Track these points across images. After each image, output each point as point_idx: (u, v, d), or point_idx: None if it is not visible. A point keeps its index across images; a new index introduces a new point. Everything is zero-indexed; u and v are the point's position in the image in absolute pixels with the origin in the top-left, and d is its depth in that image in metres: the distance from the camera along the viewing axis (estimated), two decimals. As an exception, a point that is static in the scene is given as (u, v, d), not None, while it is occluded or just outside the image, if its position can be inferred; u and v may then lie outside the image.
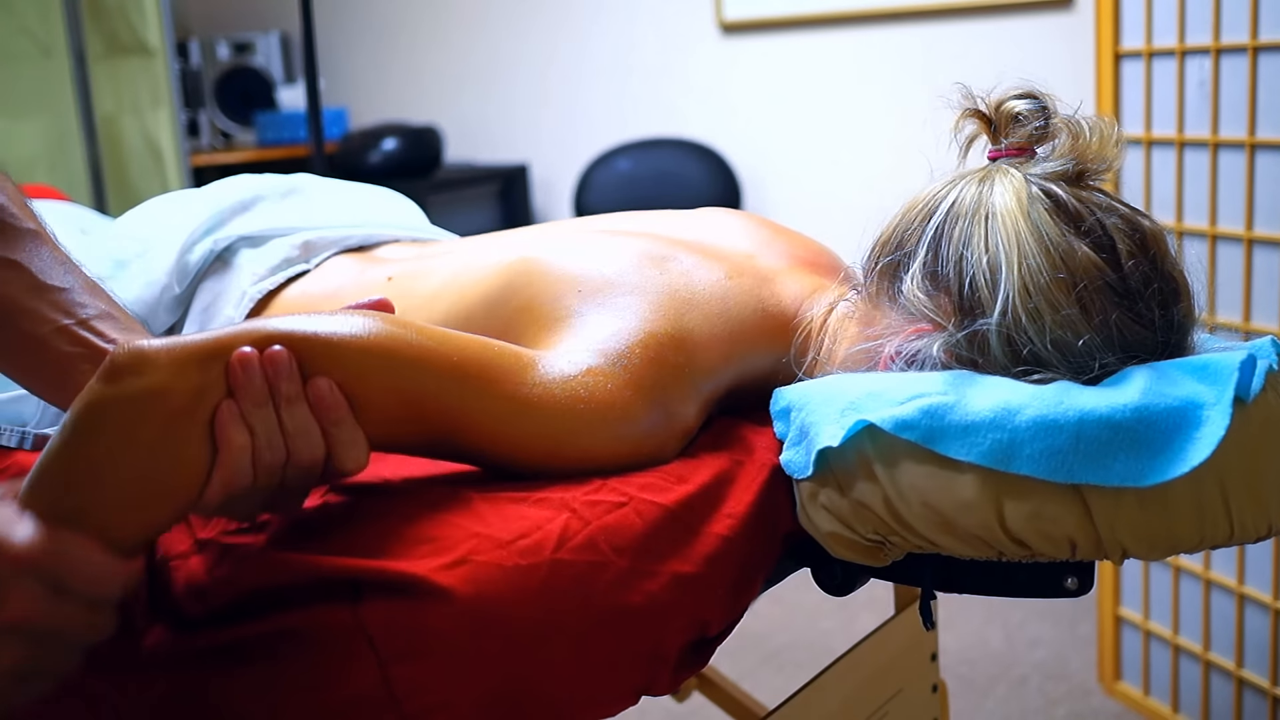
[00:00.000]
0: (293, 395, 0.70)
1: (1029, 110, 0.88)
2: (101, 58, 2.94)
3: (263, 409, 0.69)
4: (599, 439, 0.81)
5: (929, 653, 1.25)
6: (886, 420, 0.78)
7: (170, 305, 1.11)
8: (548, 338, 0.87)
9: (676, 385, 0.85)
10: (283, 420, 0.70)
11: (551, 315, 0.89)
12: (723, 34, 3.19)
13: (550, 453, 0.80)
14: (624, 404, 0.81)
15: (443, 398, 0.76)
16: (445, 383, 0.76)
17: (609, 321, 0.86)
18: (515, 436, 0.79)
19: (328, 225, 1.19)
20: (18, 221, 0.84)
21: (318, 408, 0.71)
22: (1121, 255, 0.82)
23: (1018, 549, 0.79)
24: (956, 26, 2.82)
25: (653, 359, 0.84)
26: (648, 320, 0.86)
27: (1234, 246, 1.67)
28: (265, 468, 0.70)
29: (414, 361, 0.75)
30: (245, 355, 0.69)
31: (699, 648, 0.81)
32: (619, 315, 0.87)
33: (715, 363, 0.89)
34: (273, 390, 0.69)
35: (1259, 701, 1.73)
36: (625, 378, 0.82)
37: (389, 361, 0.74)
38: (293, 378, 0.70)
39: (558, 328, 0.88)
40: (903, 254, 0.89)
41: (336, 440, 0.72)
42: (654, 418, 0.83)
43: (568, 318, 0.88)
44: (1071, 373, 0.81)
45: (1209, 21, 1.64)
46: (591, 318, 0.87)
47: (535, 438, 0.79)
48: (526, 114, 3.60)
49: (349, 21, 3.86)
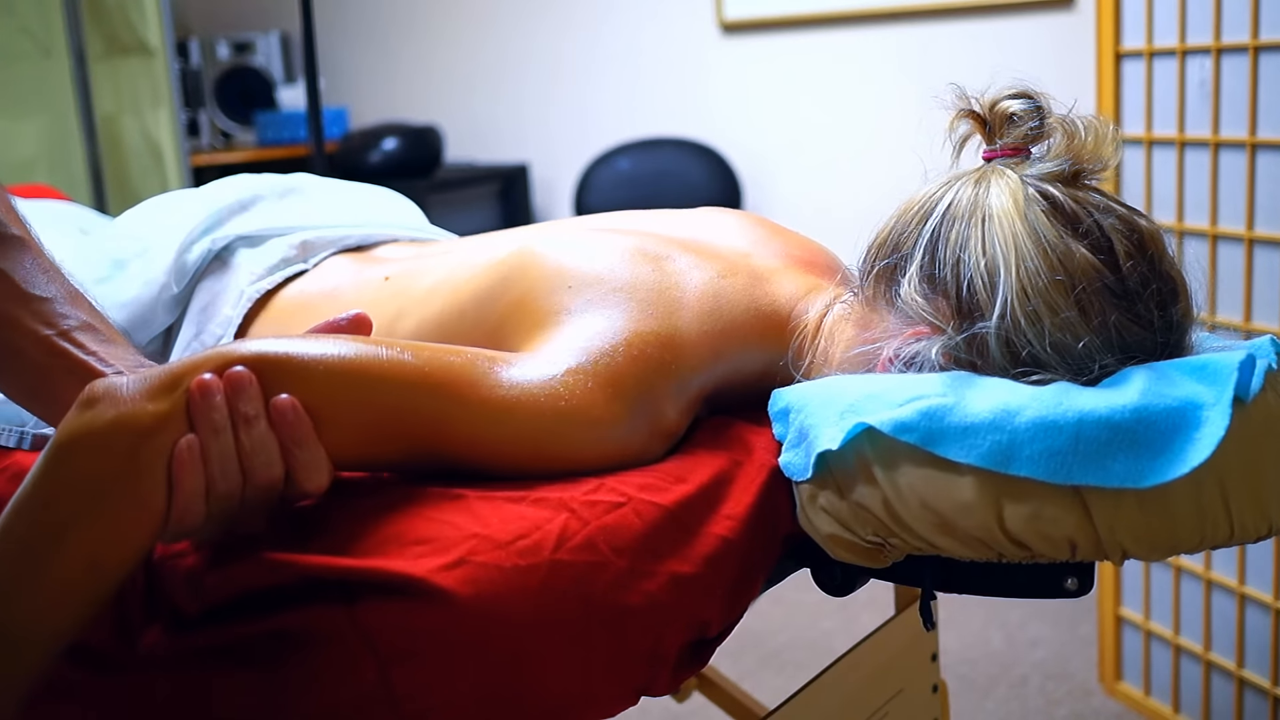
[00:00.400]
0: (252, 415, 0.71)
1: (1023, 110, 0.87)
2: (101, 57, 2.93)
3: (220, 435, 0.70)
4: (581, 439, 0.80)
5: (929, 653, 1.25)
6: (886, 422, 0.78)
7: (168, 305, 1.11)
8: (536, 334, 0.87)
9: (662, 384, 0.85)
10: (240, 440, 0.70)
11: (542, 311, 0.89)
12: (723, 33, 3.19)
13: (533, 455, 0.80)
14: (605, 403, 0.81)
15: (419, 411, 0.76)
16: (419, 395, 0.76)
17: (596, 320, 0.86)
18: (496, 441, 0.79)
19: (326, 225, 1.19)
20: (3, 228, 0.84)
21: (280, 426, 0.71)
22: (1119, 256, 0.82)
23: (1018, 550, 0.78)
24: (957, 26, 2.82)
25: (637, 357, 0.84)
26: (635, 319, 0.86)
27: (1235, 246, 1.67)
28: (219, 497, 0.71)
29: (384, 377, 0.75)
30: (204, 381, 0.70)
31: (699, 648, 0.81)
32: (606, 313, 0.86)
33: (704, 361, 0.88)
34: (232, 412, 0.70)
35: (1260, 702, 1.73)
36: (607, 377, 0.82)
37: (359, 380, 0.74)
38: (253, 398, 0.71)
39: (546, 324, 0.87)
40: (899, 257, 0.88)
41: (298, 461, 0.72)
42: (638, 417, 0.83)
43: (556, 314, 0.88)
44: (1070, 374, 0.81)
45: (1210, 21, 1.64)
46: (579, 316, 0.87)
47: (516, 440, 0.79)
48: (527, 114, 3.60)
49: (349, 21, 3.85)
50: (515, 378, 0.79)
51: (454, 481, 0.79)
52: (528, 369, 0.81)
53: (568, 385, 0.80)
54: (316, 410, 0.73)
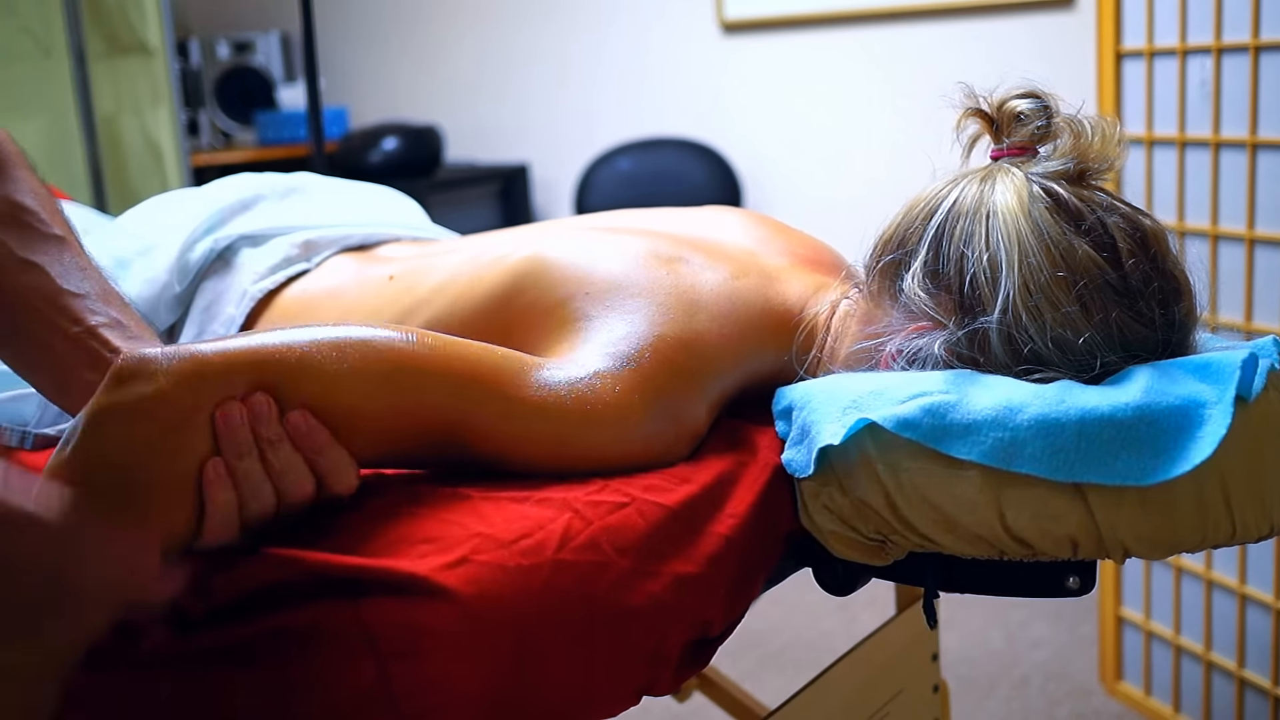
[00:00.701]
0: (274, 438, 0.72)
1: (1031, 110, 0.88)
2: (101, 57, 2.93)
3: (247, 459, 0.71)
4: (607, 441, 0.80)
5: (930, 653, 1.25)
6: (888, 419, 0.78)
7: (171, 304, 1.11)
8: (556, 340, 0.87)
9: (686, 388, 0.85)
10: (269, 463, 0.72)
11: (559, 317, 0.89)
12: (723, 33, 3.19)
13: (558, 455, 0.80)
14: (631, 406, 0.81)
15: (447, 406, 0.77)
16: (448, 390, 0.77)
17: (618, 325, 0.86)
18: (522, 439, 0.79)
19: (329, 224, 1.19)
20: (45, 226, 0.87)
21: (298, 441, 0.72)
22: (1122, 254, 0.82)
23: (1019, 548, 0.78)
24: (958, 26, 2.82)
25: (662, 361, 0.84)
26: (656, 323, 0.86)
27: (1235, 246, 1.67)
28: (253, 516, 0.72)
29: (415, 373, 0.76)
30: (227, 411, 0.70)
31: (700, 648, 0.81)
32: (628, 318, 0.87)
33: (724, 363, 0.89)
34: (256, 437, 0.71)
35: (1260, 702, 1.73)
36: (634, 381, 0.82)
37: (387, 375, 0.75)
38: (271, 422, 0.71)
39: (566, 330, 0.88)
40: (904, 252, 0.88)
41: (322, 468, 0.73)
42: (662, 420, 0.83)
43: (576, 320, 0.88)
44: (1073, 371, 0.81)
45: (1210, 21, 1.64)
46: (600, 321, 0.87)
47: (542, 440, 0.79)
48: (527, 113, 3.60)
49: (349, 21, 3.85)
50: (544, 379, 0.80)
51: (459, 481, 0.79)
52: (555, 372, 0.81)
53: (594, 389, 0.80)
54: (339, 407, 0.73)
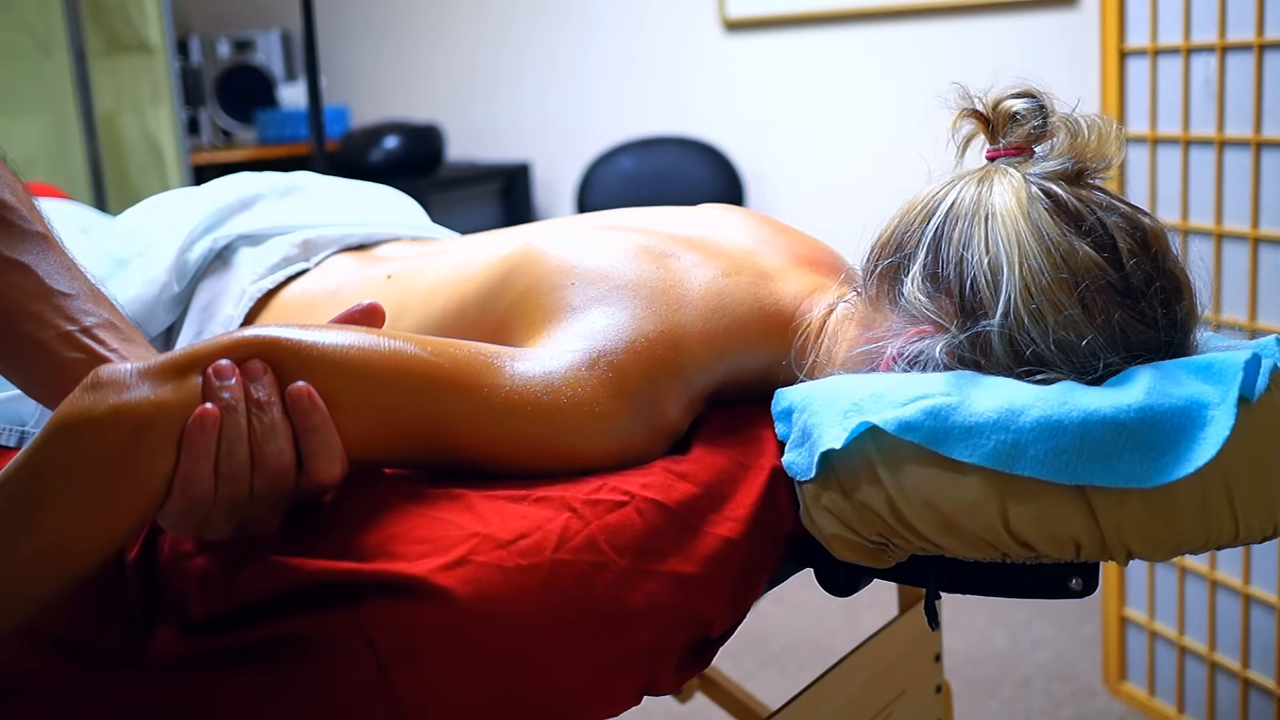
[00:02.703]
0: (265, 401, 0.70)
1: (1026, 109, 0.87)
2: (101, 55, 2.93)
3: (231, 413, 0.70)
4: (583, 435, 0.80)
5: (933, 653, 1.25)
6: (890, 422, 0.78)
7: (169, 304, 1.11)
8: (539, 330, 0.87)
9: (665, 382, 0.85)
10: (251, 424, 0.70)
11: (545, 307, 0.89)
12: (725, 31, 3.19)
13: (535, 452, 0.79)
14: (607, 400, 0.81)
15: (422, 407, 0.76)
16: (422, 391, 0.76)
17: (599, 317, 0.86)
18: (498, 437, 0.78)
19: (328, 223, 1.18)
20: (27, 224, 0.85)
21: (295, 411, 0.71)
22: (1123, 254, 0.81)
23: (1022, 550, 0.78)
24: (961, 24, 2.81)
25: (640, 355, 0.84)
26: (639, 317, 0.86)
27: (1239, 245, 1.67)
28: (226, 476, 0.70)
29: (389, 372, 0.75)
30: (220, 365, 0.70)
31: (701, 648, 0.81)
32: (610, 311, 0.86)
33: (707, 360, 0.88)
34: (246, 397, 0.70)
35: (1264, 702, 1.73)
36: (610, 375, 0.82)
37: (364, 373, 0.74)
38: (267, 385, 0.71)
39: (549, 320, 0.87)
40: (903, 256, 0.88)
41: (311, 447, 0.72)
42: (639, 415, 0.83)
43: (560, 310, 0.87)
44: (1075, 373, 0.80)
45: (1214, 19, 1.63)
46: (582, 312, 0.87)
47: (519, 437, 0.79)
48: (528, 112, 3.60)
49: (350, 19, 3.85)
50: (518, 372, 0.79)
51: (456, 481, 0.79)
52: (530, 364, 0.80)
53: (569, 382, 0.80)
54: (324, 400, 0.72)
